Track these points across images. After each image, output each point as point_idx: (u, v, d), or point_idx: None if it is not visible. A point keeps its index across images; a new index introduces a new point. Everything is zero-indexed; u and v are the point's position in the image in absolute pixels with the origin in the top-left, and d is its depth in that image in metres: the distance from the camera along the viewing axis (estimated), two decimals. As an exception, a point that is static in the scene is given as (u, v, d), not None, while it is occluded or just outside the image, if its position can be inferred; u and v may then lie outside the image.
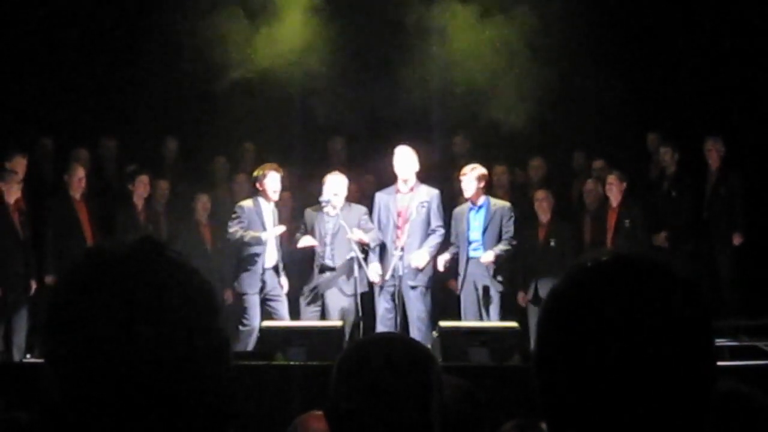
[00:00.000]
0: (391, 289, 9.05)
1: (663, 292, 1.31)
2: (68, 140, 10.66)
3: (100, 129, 11.12)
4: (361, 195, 10.18)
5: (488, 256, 9.14)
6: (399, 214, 9.23)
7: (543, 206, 10.09)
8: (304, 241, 9.18)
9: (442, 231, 9.24)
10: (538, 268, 9.84)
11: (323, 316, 9.16)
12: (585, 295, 1.32)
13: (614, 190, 9.90)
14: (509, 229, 9.28)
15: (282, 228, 9.20)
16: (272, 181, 9.22)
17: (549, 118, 10.89)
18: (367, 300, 9.09)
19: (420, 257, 9.06)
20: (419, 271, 9.07)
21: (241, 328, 9.07)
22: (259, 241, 9.08)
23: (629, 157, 10.81)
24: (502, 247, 9.21)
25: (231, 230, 9.17)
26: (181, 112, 11.41)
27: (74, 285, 1.32)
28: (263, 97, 10.89)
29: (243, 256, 9.22)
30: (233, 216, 9.25)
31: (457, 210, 9.45)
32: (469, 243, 9.23)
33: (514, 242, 9.33)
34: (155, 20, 11.01)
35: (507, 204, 9.44)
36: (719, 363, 1.35)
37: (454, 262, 9.32)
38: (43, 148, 10.65)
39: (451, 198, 10.20)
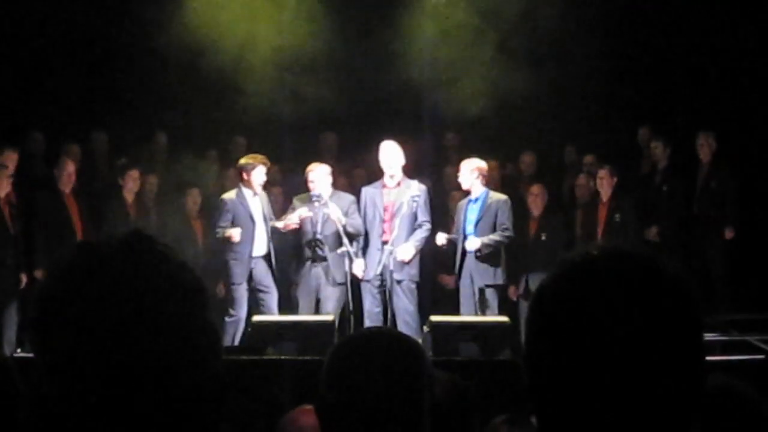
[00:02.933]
0: (378, 283, 9.04)
1: (652, 288, 1.31)
2: (59, 135, 10.64)
3: (91, 123, 11.11)
4: (352, 189, 10.17)
5: (473, 243, 9.11)
6: (385, 209, 9.21)
7: (537, 201, 10.10)
8: (299, 213, 9.09)
9: (428, 226, 9.19)
10: (529, 263, 9.83)
11: (316, 307, 9.15)
12: (574, 291, 1.32)
13: (605, 185, 9.90)
14: (504, 221, 9.22)
15: (238, 231, 9.08)
16: (260, 173, 9.20)
17: (540, 113, 10.88)
18: (356, 294, 9.08)
19: (406, 250, 9.03)
20: (405, 264, 9.05)
21: (227, 318, 9.01)
22: (230, 239, 9.03)
23: (620, 151, 10.83)
24: (493, 237, 9.15)
25: (217, 228, 9.15)
26: (172, 106, 11.37)
27: (64, 279, 1.32)
28: (253, 90, 10.84)
29: (231, 246, 9.17)
30: (217, 210, 9.23)
31: (460, 203, 9.45)
32: (465, 237, 9.21)
33: (508, 233, 9.22)
34: (145, 13, 10.97)
35: (504, 197, 9.40)
36: (710, 358, 1.35)
37: (451, 255, 9.29)
38: (33, 142, 10.63)
39: (442, 193, 10.19)
